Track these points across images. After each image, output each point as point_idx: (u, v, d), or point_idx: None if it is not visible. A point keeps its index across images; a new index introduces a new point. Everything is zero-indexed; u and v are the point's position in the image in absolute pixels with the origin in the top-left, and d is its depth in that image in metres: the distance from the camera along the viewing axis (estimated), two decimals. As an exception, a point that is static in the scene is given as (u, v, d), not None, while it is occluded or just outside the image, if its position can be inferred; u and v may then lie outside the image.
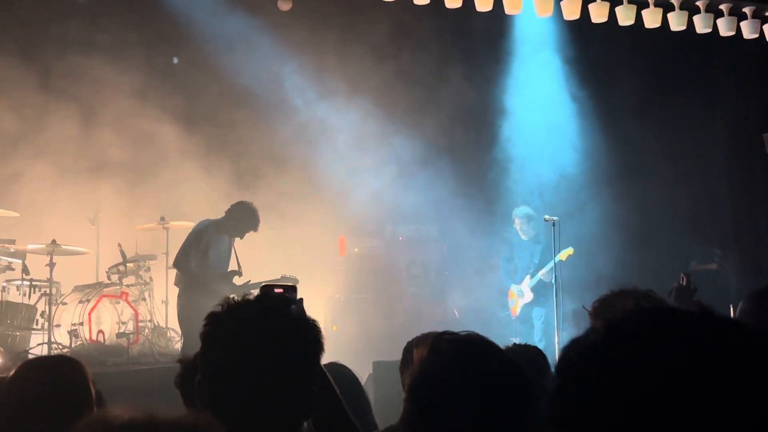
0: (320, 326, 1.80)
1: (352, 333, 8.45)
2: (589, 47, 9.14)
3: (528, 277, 8.45)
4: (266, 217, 7.43)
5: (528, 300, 8.45)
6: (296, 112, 9.07)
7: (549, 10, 8.09)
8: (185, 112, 8.84)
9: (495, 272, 8.87)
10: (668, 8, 8.26)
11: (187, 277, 6.82)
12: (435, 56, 9.09)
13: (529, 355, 2.97)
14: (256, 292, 1.81)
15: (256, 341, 1.66)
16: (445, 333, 1.77)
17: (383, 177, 8.89)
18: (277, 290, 1.83)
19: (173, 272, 7.26)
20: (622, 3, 8.11)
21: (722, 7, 8.35)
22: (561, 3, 8.10)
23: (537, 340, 7.94)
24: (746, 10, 8.43)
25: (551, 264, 8.00)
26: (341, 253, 9.02)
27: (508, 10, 7.94)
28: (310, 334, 1.75)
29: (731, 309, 7.73)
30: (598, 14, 8.07)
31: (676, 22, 8.24)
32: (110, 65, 8.54)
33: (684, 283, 3.32)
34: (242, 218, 6.94)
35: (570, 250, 8.16)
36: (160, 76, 8.81)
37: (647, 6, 8.17)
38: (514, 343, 3.34)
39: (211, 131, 9.02)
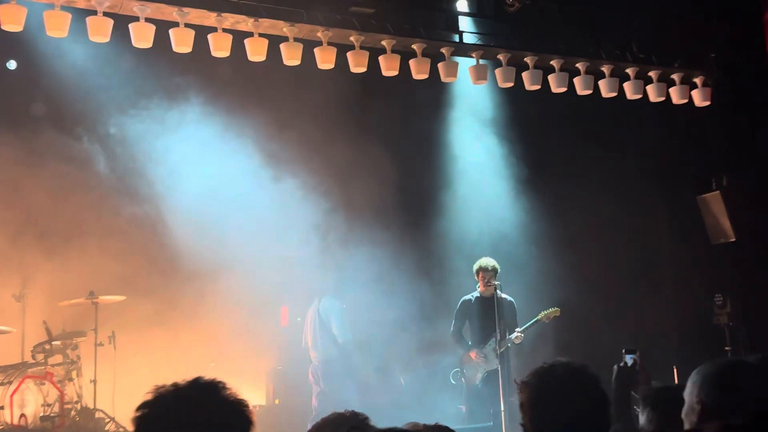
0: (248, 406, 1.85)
1: (295, 406, 8.18)
2: (523, 109, 9.27)
3: (494, 340, 7.45)
4: (201, 289, 7.17)
5: (493, 368, 7.43)
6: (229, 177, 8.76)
7: (485, 79, 8.26)
8: (116, 184, 8.55)
9: (443, 336, 8.19)
10: (598, 75, 8.53)
11: None
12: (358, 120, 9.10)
13: None
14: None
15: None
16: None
17: (326, 244, 8.71)
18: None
19: (103, 350, 6.94)
20: (554, 71, 8.34)
21: (651, 74, 8.66)
22: (495, 71, 8.28)
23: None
24: (675, 76, 8.75)
25: (530, 324, 7.59)
26: (283, 323, 8.76)
27: (444, 78, 8.06)
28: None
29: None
30: (532, 82, 8.29)
31: (608, 88, 8.51)
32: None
33: (623, 365, 3.13)
34: None
35: (556, 311, 7.65)
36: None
37: (579, 74, 8.42)
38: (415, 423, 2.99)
39: (141, 203, 8.69)
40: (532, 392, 2.38)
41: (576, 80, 8.44)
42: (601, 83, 8.52)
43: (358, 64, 7.63)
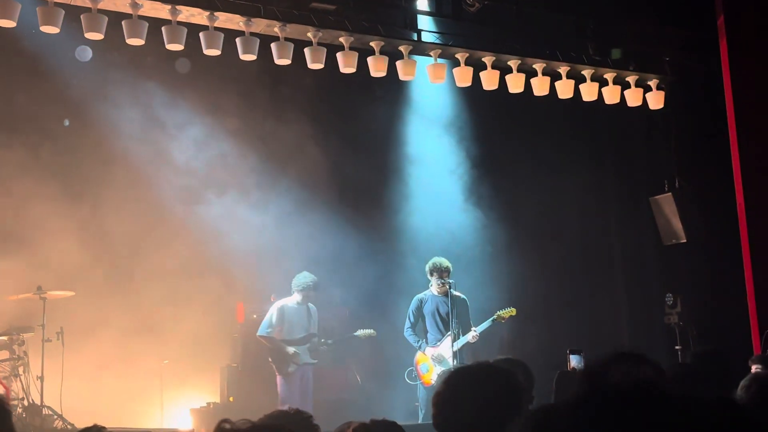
0: None
1: (249, 404, 8.09)
2: (479, 109, 9.32)
3: (449, 339, 7.54)
4: (153, 285, 7.05)
5: (449, 366, 7.41)
6: (178, 177, 8.64)
7: (442, 77, 8.28)
8: (66, 176, 8.39)
9: (399, 333, 8.14)
10: (555, 77, 8.61)
11: None
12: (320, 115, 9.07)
13: None
14: None
15: None
16: None
17: (285, 240, 8.65)
18: None
19: (50, 346, 6.80)
20: (511, 71, 8.39)
21: (607, 76, 8.76)
22: (453, 71, 8.31)
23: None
24: (630, 79, 8.87)
25: (486, 325, 7.66)
26: (239, 320, 8.67)
27: (402, 76, 8.06)
28: None
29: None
30: (489, 82, 8.33)
31: (564, 90, 8.60)
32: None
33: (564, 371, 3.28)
34: None
35: (512, 311, 7.75)
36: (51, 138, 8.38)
37: (536, 75, 8.49)
38: (364, 423, 3.01)
39: (91, 196, 8.52)
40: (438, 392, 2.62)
41: (533, 81, 8.51)
42: (558, 85, 8.60)
43: (315, 61, 7.59)
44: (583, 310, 9.69)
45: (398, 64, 7.98)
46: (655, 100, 8.99)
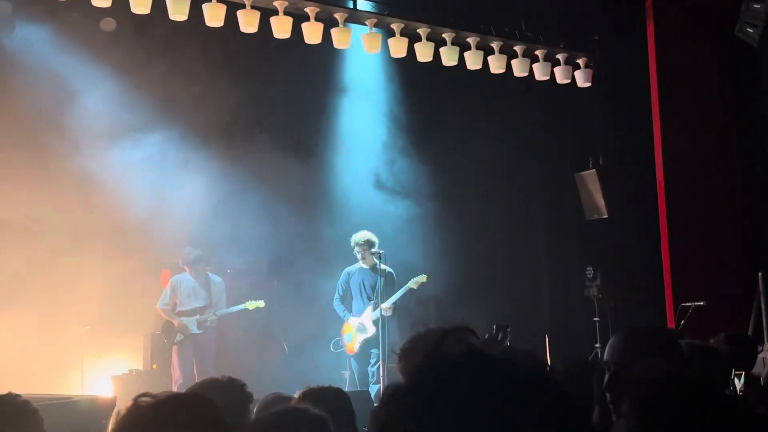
0: None
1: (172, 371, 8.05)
2: (412, 80, 9.30)
3: (370, 308, 7.83)
4: (75, 249, 6.82)
5: (369, 335, 7.77)
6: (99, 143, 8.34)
7: (377, 47, 8.26)
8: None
9: (328, 304, 8.28)
10: (488, 52, 8.69)
11: None
12: (257, 85, 8.90)
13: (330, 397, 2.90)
14: None
15: None
16: None
17: (207, 205, 8.50)
18: None
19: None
20: (446, 44, 8.44)
21: (538, 53, 8.90)
22: (388, 41, 8.30)
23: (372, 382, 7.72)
24: (559, 57, 9.04)
25: (399, 294, 7.79)
26: (164, 287, 8.53)
27: (336, 45, 8.01)
28: None
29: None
30: (424, 54, 8.36)
31: (496, 65, 8.69)
32: None
33: (494, 334, 3.39)
34: None
35: (423, 278, 7.91)
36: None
37: (469, 48, 8.56)
38: (311, 388, 3.12)
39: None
40: (410, 356, 2.56)
41: (466, 55, 8.57)
42: (490, 59, 8.69)
43: (248, 24, 7.45)
44: (506, 282, 9.90)
45: (333, 32, 7.91)
46: (583, 78, 9.18)
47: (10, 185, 7.83)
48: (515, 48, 8.79)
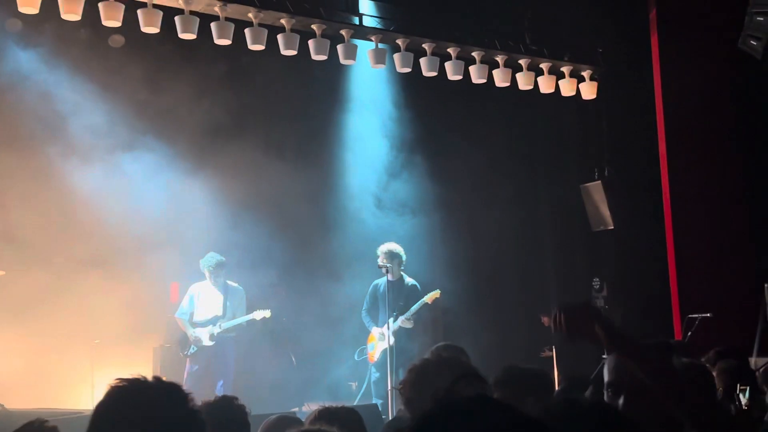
0: None
1: (182, 384, 8.07)
2: (418, 94, 9.39)
3: (391, 320, 7.87)
4: (85, 263, 6.88)
5: (389, 345, 7.74)
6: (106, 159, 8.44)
7: (383, 62, 8.35)
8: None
9: (353, 314, 8.43)
10: (493, 65, 8.75)
11: None
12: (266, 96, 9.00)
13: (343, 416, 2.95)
14: None
15: None
16: None
17: (215, 217, 8.58)
18: None
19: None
20: (450, 59, 8.52)
21: (542, 66, 8.96)
22: (394, 56, 8.38)
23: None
24: (564, 69, 9.10)
25: (415, 308, 7.86)
26: (173, 299, 8.61)
27: (343, 60, 8.10)
28: None
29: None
30: (429, 68, 8.43)
31: (501, 78, 8.76)
32: None
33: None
34: None
35: (437, 293, 7.99)
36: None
37: (474, 62, 8.63)
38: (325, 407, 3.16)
39: (26, 179, 8.25)
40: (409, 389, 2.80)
41: (471, 69, 8.64)
42: (495, 73, 8.76)
43: (255, 42, 7.55)
44: (513, 294, 9.93)
45: (339, 48, 8.00)
46: (588, 91, 9.25)
47: (22, 207, 7.91)
48: (520, 61, 8.86)
